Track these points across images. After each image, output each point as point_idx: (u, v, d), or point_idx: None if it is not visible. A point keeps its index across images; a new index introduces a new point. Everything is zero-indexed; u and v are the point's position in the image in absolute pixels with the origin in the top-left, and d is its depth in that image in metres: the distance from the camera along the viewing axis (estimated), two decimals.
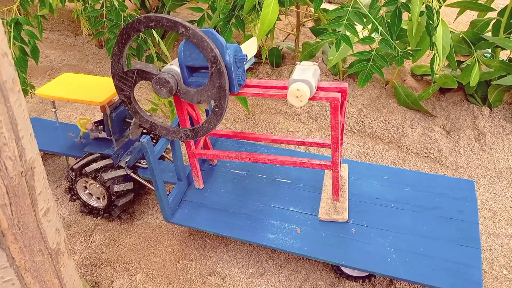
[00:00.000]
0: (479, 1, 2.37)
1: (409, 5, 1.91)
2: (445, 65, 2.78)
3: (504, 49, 2.43)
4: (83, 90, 1.88)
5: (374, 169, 1.95)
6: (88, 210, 2.02)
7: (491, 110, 2.56)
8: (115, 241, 1.94)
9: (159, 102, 2.60)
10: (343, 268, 1.72)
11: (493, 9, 2.33)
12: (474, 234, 1.62)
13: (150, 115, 1.58)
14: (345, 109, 1.67)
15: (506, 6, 2.38)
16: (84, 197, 2.00)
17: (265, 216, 1.75)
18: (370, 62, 2.02)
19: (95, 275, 1.79)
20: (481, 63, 2.37)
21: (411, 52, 2.02)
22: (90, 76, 2.02)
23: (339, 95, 1.47)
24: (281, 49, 3.06)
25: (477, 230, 1.64)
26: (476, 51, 2.38)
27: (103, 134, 2.01)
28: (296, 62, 1.57)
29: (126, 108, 1.56)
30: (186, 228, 1.97)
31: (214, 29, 1.81)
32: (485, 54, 2.74)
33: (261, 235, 1.67)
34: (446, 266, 1.51)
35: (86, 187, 1.99)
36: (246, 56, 1.44)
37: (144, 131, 2.10)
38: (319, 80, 1.52)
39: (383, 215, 1.71)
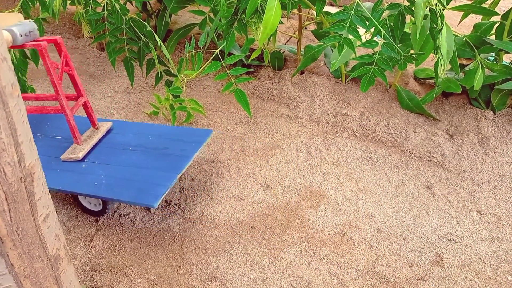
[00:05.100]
0: (482, 5, 2.36)
1: (413, 9, 1.90)
2: (448, 68, 2.76)
3: (508, 52, 2.41)
4: None
5: (137, 126, 2.20)
6: None
7: (495, 114, 2.54)
8: (116, 246, 1.93)
9: (160, 105, 2.59)
10: (81, 201, 1.99)
11: (496, 13, 2.32)
12: (180, 164, 1.88)
13: None
14: (67, 60, 1.94)
15: (510, 9, 2.37)
16: None
17: None
18: (373, 66, 2.01)
19: (95, 280, 1.78)
20: (484, 66, 2.36)
21: (414, 56, 2.01)
22: None
23: (45, 42, 1.77)
24: (283, 52, 3.05)
25: (186, 162, 1.90)
26: (479, 55, 2.37)
27: None
28: (18, 21, 1.81)
29: None
30: (187, 233, 1.96)
31: (216, 33, 1.82)
32: (488, 58, 2.73)
33: None
34: (140, 186, 1.79)
35: None
36: None
37: None
38: (34, 34, 1.79)
39: (116, 155, 1.99)
